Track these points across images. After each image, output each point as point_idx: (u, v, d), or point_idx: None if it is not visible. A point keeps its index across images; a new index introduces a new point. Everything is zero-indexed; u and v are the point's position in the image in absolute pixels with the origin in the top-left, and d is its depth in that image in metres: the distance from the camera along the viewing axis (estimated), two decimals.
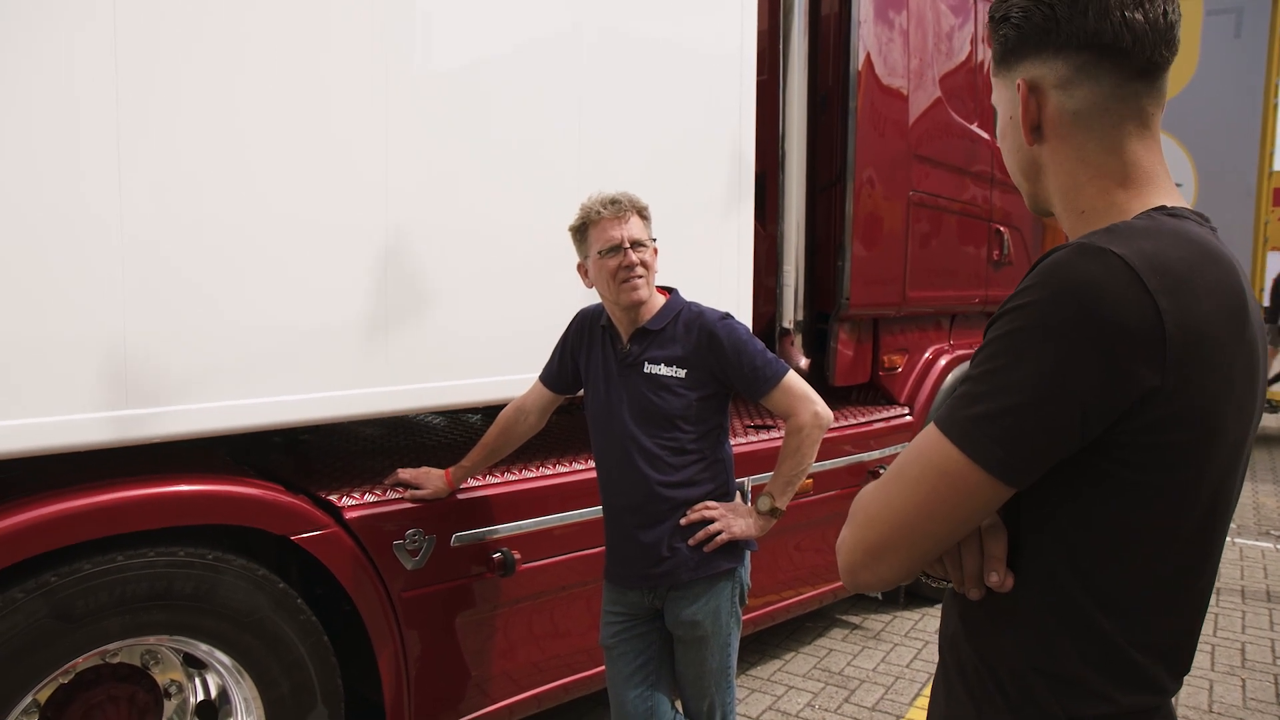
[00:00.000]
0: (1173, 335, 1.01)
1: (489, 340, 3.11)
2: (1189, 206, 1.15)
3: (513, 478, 3.21)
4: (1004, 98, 1.24)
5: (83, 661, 2.41)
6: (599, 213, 2.56)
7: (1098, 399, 1.01)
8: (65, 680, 2.44)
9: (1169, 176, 1.18)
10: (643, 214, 2.61)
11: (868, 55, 4.45)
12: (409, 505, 2.90)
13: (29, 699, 2.32)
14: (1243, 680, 4.38)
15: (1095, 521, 1.09)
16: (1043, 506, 1.12)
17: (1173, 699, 1.19)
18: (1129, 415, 1.02)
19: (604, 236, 2.56)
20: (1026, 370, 1.02)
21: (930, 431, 1.11)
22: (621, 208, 2.56)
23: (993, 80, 1.27)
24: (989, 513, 1.11)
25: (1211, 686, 4.31)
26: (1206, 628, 5.03)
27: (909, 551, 1.12)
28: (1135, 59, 1.12)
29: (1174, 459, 1.06)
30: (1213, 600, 5.40)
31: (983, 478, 1.05)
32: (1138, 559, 1.10)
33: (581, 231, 2.63)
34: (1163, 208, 1.12)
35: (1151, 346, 1.00)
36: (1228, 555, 6.27)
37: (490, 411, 3.22)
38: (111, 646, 2.43)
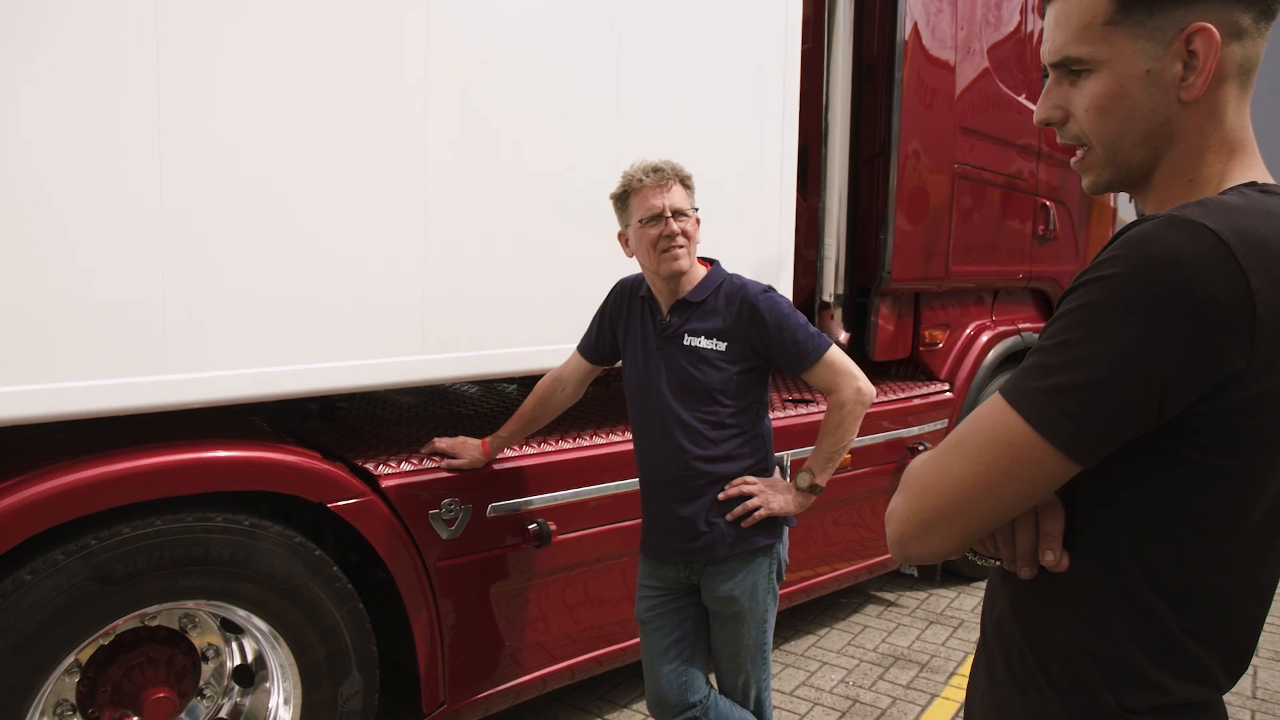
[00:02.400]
0: (1262, 317, 0.95)
1: (526, 310, 3.08)
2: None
3: (549, 449, 3.20)
4: (1130, 49, 1.07)
5: (122, 624, 2.44)
6: (641, 180, 2.52)
7: (1180, 379, 0.96)
8: (105, 641, 2.47)
9: (1256, 146, 1.11)
10: (685, 183, 2.56)
11: (914, 25, 4.35)
12: (445, 474, 2.90)
13: (71, 658, 2.35)
14: None
15: (1160, 504, 1.05)
16: (1105, 485, 1.07)
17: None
18: (1208, 397, 0.98)
19: (646, 205, 2.51)
20: (1106, 344, 0.97)
21: (995, 402, 1.06)
22: (664, 175, 2.51)
23: (1103, 30, 1.08)
24: (1052, 489, 1.06)
25: (1255, 672, 4.23)
26: None
27: (964, 524, 1.08)
28: (1277, 9, 1.06)
29: (1248, 445, 1.01)
30: None
31: (1050, 453, 1.01)
32: (1201, 545, 1.06)
33: (623, 199, 2.58)
34: (1254, 183, 1.06)
35: (1241, 327, 0.95)
36: None
37: (527, 382, 3.20)
38: (150, 609, 2.45)
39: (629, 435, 3.04)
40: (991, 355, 5.11)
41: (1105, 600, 1.09)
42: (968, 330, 5.14)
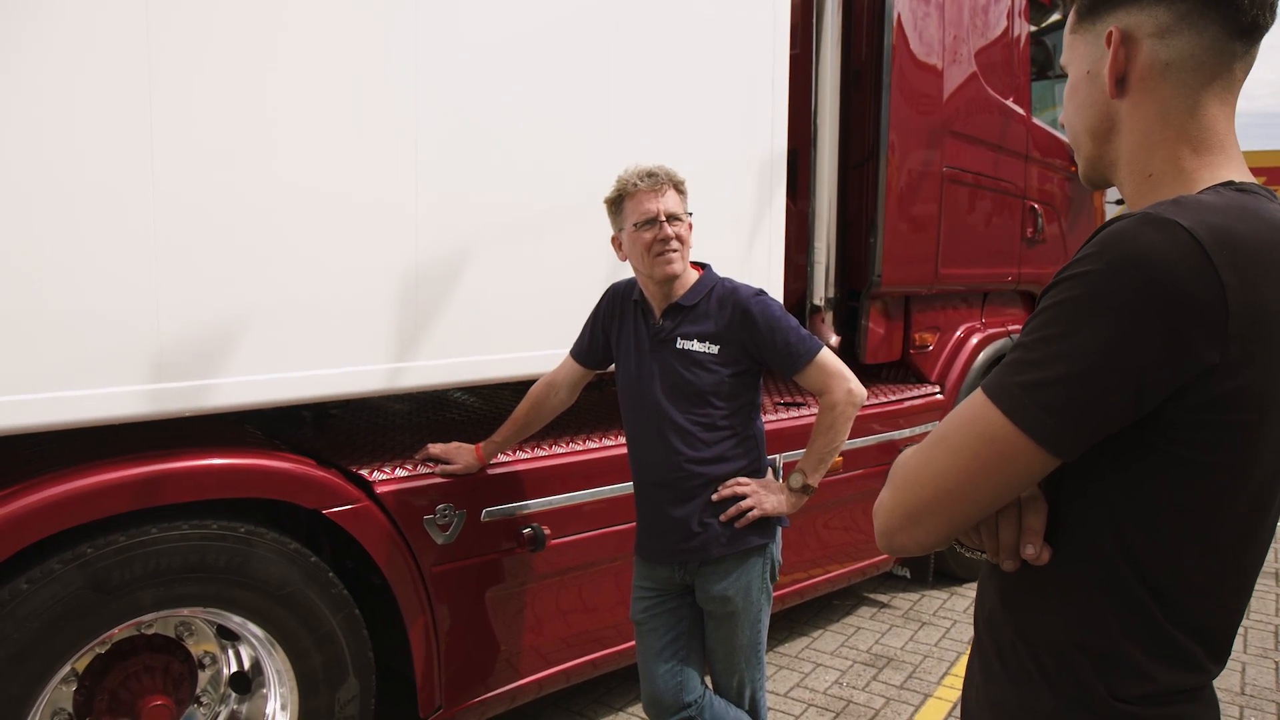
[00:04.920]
0: (1235, 312, 0.98)
1: (519, 315, 3.10)
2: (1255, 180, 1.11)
3: (543, 453, 3.21)
4: (1082, 53, 1.19)
5: (119, 632, 2.45)
6: (635, 185, 2.54)
7: (1155, 373, 0.98)
8: (102, 650, 2.47)
9: (1238, 147, 1.14)
10: (679, 188, 2.59)
11: (902, 30, 4.38)
12: (440, 480, 2.91)
13: (68, 667, 2.35)
14: (1276, 663, 4.33)
15: (1142, 496, 1.07)
16: (1088, 478, 1.09)
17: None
18: (1184, 391, 1.00)
19: (640, 209, 2.53)
20: (1082, 340, 1.00)
21: (977, 398, 1.08)
22: (658, 180, 2.54)
23: (1068, 38, 1.21)
24: (1032, 483, 1.09)
25: (1244, 669, 4.26)
26: None
27: (948, 517, 1.11)
28: (1242, 15, 1.08)
29: (1227, 438, 1.03)
30: None
31: (1030, 447, 1.03)
32: (1183, 536, 1.07)
33: (617, 204, 2.61)
34: (1231, 183, 1.09)
35: (1213, 322, 0.97)
36: None
37: (520, 387, 3.22)
38: (146, 618, 2.46)
39: (622, 439, 3.04)
40: (982, 357, 5.15)
41: (1093, 591, 1.11)
42: (958, 333, 5.17)
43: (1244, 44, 1.10)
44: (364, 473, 2.83)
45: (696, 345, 2.57)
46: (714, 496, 2.59)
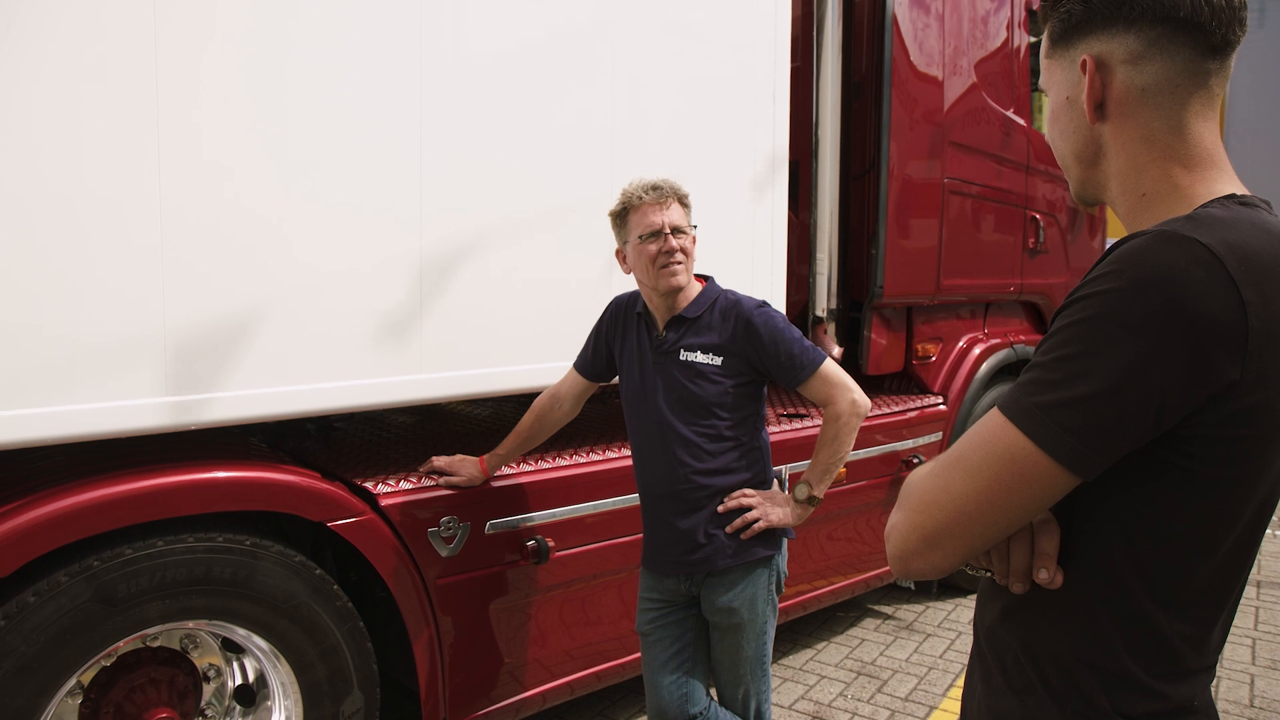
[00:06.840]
0: (1255, 328, 0.98)
1: (522, 328, 3.10)
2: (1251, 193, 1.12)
3: (547, 465, 3.21)
4: (1059, 78, 1.20)
5: (124, 644, 2.44)
6: (640, 198, 2.56)
7: (1176, 392, 0.98)
8: (108, 663, 2.47)
9: (1226, 157, 1.14)
10: (683, 201, 2.61)
11: (902, 41, 4.40)
12: (444, 492, 2.91)
13: (73, 680, 2.36)
14: None
15: (1156, 512, 1.06)
16: (1102, 496, 1.09)
17: (1211, 690, 1.18)
18: (1203, 408, 1.00)
19: (645, 222, 2.55)
20: (1104, 359, 0.99)
21: (995, 418, 1.07)
22: (663, 194, 2.55)
23: (1045, 62, 1.22)
24: (1052, 502, 1.07)
25: (1253, 680, 4.25)
26: (1247, 621, 4.95)
27: (966, 540, 1.09)
28: (1211, 35, 1.09)
29: (1241, 453, 1.03)
30: (1254, 594, 5.32)
31: (1051, 467, 1.02)
32: (1195, 549, 1.07)
33: (622, 217, 2.62)
34: (1233, 196, 1.09)
35: (1235, 340, 0.97)
36: (1269, 548, 6.18)
37: (524, 399, 3.22)
38: (152, 630, 2.46)
39: (626, 451, 3.05)
40: (985, 368, 5.14)
41: (1102, 610, 1.10)
42: (960, 343, 5.17)
43: (1217, 61, 1.11)
44: (368, 485, 2.84)
45: (700, 357, 2.58)
46: (719, 508, 2.59)
